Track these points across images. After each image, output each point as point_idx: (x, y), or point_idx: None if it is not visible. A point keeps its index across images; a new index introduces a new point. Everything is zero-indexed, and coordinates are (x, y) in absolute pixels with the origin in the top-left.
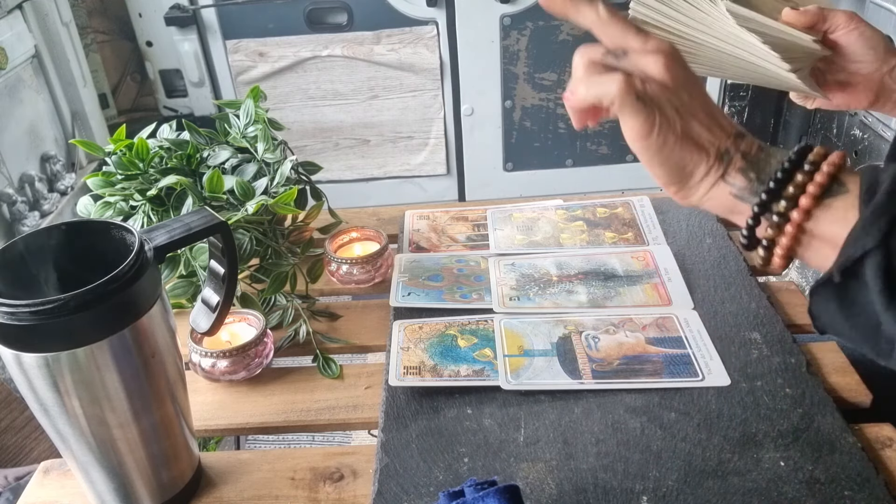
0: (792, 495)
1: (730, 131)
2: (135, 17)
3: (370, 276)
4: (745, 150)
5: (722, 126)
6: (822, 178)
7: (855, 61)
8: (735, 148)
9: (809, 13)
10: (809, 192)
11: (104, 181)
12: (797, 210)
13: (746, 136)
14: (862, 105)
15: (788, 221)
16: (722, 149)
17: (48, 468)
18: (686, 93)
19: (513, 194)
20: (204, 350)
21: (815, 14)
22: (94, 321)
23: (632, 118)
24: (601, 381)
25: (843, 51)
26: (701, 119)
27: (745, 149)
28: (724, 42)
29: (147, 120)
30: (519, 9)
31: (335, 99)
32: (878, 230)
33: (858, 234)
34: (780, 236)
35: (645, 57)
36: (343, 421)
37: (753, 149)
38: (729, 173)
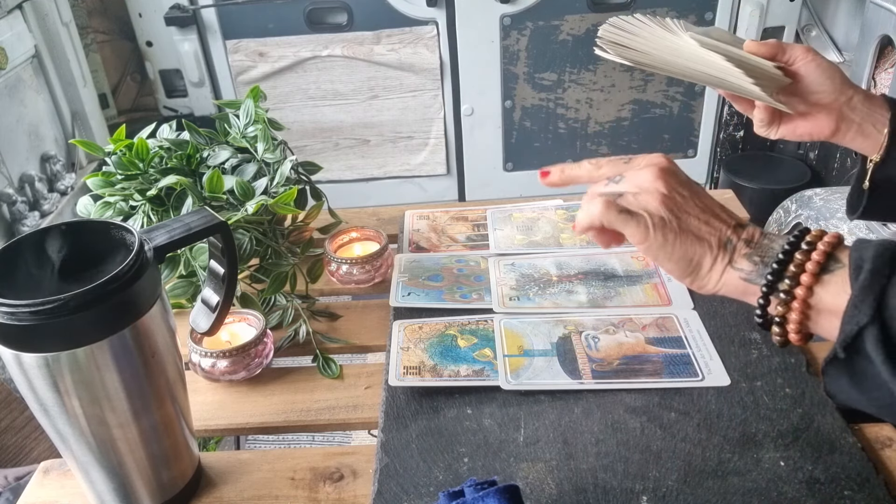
0: (792, 495)
1: (729, 222)
2: (135, 17)
3: (370, 276)
4: (747, 237)
5: (720, 218)
6: (818, 256)
7: (814, 91)
8: (736, 236)
9: (769, 44)
10: (808, 270)
11: (104, 181)
12: (800, 287)
13: (747, 226)
14: (824, 134)
15: (794, 298)
16: (723, 239)
17: (48, 468)
18: (680, 195)
19: (513, 194)
20: (204, 350)
21: (774, 45)
22: (94, 321)
23: (624, 227)
24: (601, 381)
25: (802, 80)
26: (698, 215)
27: (748, 237)
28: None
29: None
30: (519, 9)
31: (335, 99)
32: (869, 306)
33: (851, 311)
34: (790, 312)
35: (638, 173)
36: (343, 421)
37: (756, 236)
38: (735, 260)
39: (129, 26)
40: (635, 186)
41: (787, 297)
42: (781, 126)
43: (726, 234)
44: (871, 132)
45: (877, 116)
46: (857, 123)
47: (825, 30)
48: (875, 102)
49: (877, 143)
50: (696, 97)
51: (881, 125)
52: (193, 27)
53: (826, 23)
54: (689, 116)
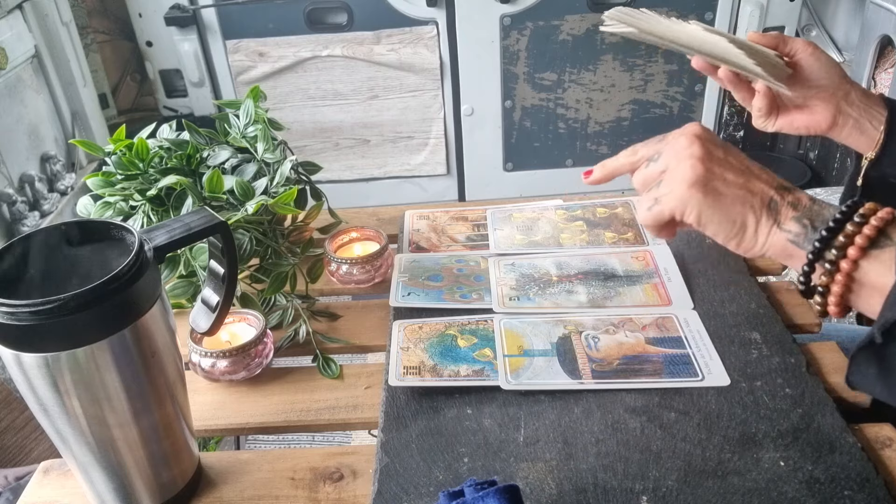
0: (792, 495)
1: (771, 183)
2: (135, 17)
3: (370, 276)
4: (792, 200)
5: (762, 179)
6: (870, 230)
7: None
8: (781, 198)
9: (771, 35)
10: (857, 244)
11: (104, 181)
12: (846, 260)
13: (792, 189)
14: (822, 128)
15: (839, 270)
16: (766, 199)
17: (48, 468)
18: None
19: (513, 194)
20: (204, 350)
21: (776, 37)
22: (94, 321)
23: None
24: (601, 381)
25: (802, 72)
26: (737, 176)
27: (793, 200)
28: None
29: (147, 120)
30: (519, 9)
31: (335, 99)
32: None
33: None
34: (833, 284)
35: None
36: (343, 421)
37: (804, 200)
38: (783, 222)
39: (129, 26)
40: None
41: (832, 267)
42: (779, 118)
43: (769, 193)
44: (868, 128)
45: (874, 113)
46: (855, 119)
47: (825, 30)
48: (872, 100)
49: (873, 140)
50: (695, 97)
51: (878, 122)
52: (193, 27)
53: (826, 23)
54: (690, 116)
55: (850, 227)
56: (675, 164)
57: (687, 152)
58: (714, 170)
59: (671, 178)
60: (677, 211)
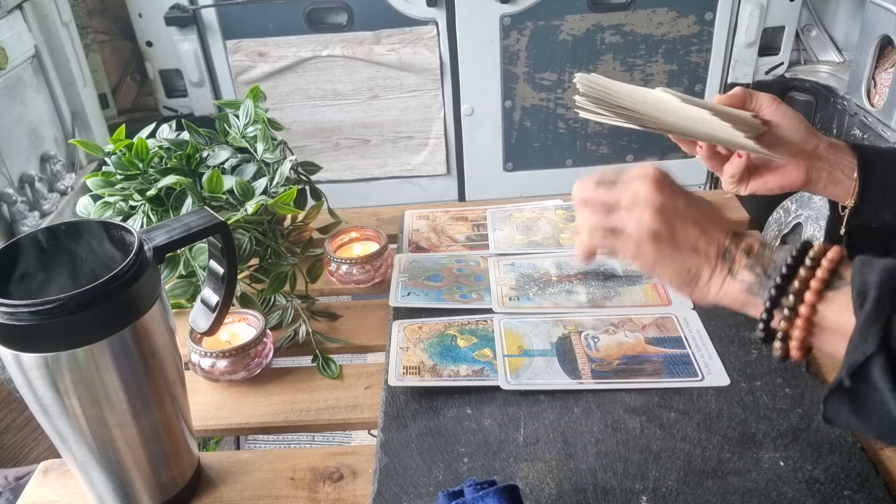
0: (791, 495)
1: (727, 231)
2: (135, 17)
3: (370, 276)
4: (746, 247)
5: (718, 227)
6: (822, 273)
7: (785, 139)
8: (735, 246)
9: (737, 93)
10: (813, 288)
11: (104, 181)
12: (804, 305)
13: (746, 235)
14: (796, 184)
15: (798, 315)
16: (721, 248)
17: (48, 468)
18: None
19: (513, 194)
20: (203, 350)
21: (742, 94)
22: (94, 321)
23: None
24: (601, 381)
25: (773, 128)
26: (694, 225)
27: (746, 247)
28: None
29: (147, 120)
30: (519, 9)
31: (335, 99)
32: (875, 335)
33: (857, 341)
34: (793, 329)
35: (631, 184)
36: (343, 421)
37: (756, 246)
38: (736, 271)
39: (129, 26)
40: (630, 198)
41: (790, 313)
42: (751, 181)
43: (724, 243)
44: (841, 178)
45: (844, 163)
46: (827, 171)
47: (825, 30)
48: (839, 149)
49: (848, 189)
50: (696, 97)
51: (849, 171)
52: (193, 27)
53: (826, 23)
54: None
55: (802, 271)
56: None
57: (647, 198)
58: (673, 222)
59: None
60: (630, 256)
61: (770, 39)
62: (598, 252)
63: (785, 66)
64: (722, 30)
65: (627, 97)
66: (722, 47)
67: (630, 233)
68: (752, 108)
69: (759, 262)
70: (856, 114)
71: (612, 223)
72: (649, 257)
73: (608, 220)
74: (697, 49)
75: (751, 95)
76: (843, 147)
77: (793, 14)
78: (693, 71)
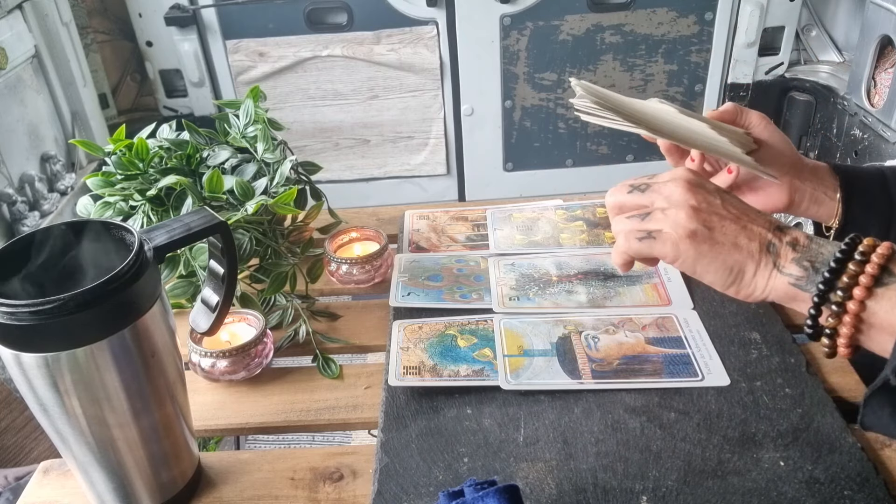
0: (791, 495)
1: (769, 226)
2: (135, 17)
3: (370, 276)
4: (791, 241)
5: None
6: (872, 269)
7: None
8: (779, 240)
9: (728, 108)
10: (862, 284)
11: (104, 181)
12: (853, 301)
13: (789, 229)
14: (778, 206)
15: (846, 312)
16: (764, 242)
17: (48, 468)
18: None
19: (513, 194)
20: (204, 350)
21: (733, 109)
22: (94, 321)
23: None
24: (601, 381)
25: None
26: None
27: (792, 240)
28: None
29: (147, 120)
30: (519, 9)
31: (335, 99)
32: None
33: None
34: (841, 325)
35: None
36: (343, 421)
37: (802, 239)
38: (782, 265)
39: (129, 26)
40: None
41: (839, 309)
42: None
43: (767, 237)
44: (824, 199)
45: (826, 184)
46: (810, 192)
47: (825, 30)
48: (821, 170)
49: (831, 210)
50: (696, 97)
51: (832, 192)
52: (193, 27)
53: (826, 23)
54: None
55: (852, 266)
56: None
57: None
58: (710, 219)
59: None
60: (669, 258)
61: (770, 39)
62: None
63: (785, 66)
64: (722, 30)
65: (625, 104)
66: (722, 47)
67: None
68: (743, 124)
69: (807, 256)
70: (856, 114)
71: (648, 226)
72: (689, 258)
73: (644, 223)
74: (697, 49)
75: (741, 112)
76: (825, 169)
77: (793, 14)
78: (693, 71)
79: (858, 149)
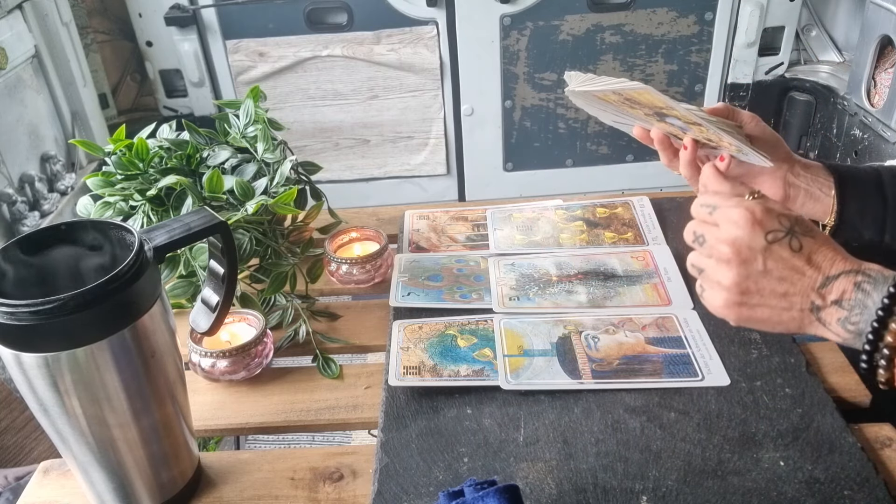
0: (791, 495)
1: (814, 283)
2: (135, 17)
3: (370, 276)
4: (836, 298)
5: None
6: None
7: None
8: (822, 299)
9: (719, 108)
10: None
11: (104, 181)
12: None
13: (836, 279)
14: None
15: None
16: (807, 305)
17: (48, 468)
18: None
19: (513, 194)
20: (204, 350)
21: (724, 109)
22: (94, 321)
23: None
24: (601, 381)
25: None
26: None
27: (837, 297)
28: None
29: (147, 120)
30: (519, 9)
31: (335, 99)
32: None
33: None
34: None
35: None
36: (343, 421)
37: (848, 291)
38: (829, 323)
39: (129, 26)
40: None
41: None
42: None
43: (810, 298)
44: (820, 196)
45: (820, 181)
46: (804, 189)
47: (825, 30)
48: (813, 168)
49: (827, 206)
50: (696, 97)
51: (827, 188)
52: (193, 27)
53: (826, 23)
54: None
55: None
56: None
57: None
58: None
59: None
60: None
61: (770, 39)
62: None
63: (785, 66)
64: (722, 30)
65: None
66: (722, 47)
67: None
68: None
69: (853, 314)
70: (856, 114)
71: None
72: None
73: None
74: (697, 49)
75: (733, 111)
76: (819, 167)
77: (793, 14)
78: (693, 71)
79: (858, 149)
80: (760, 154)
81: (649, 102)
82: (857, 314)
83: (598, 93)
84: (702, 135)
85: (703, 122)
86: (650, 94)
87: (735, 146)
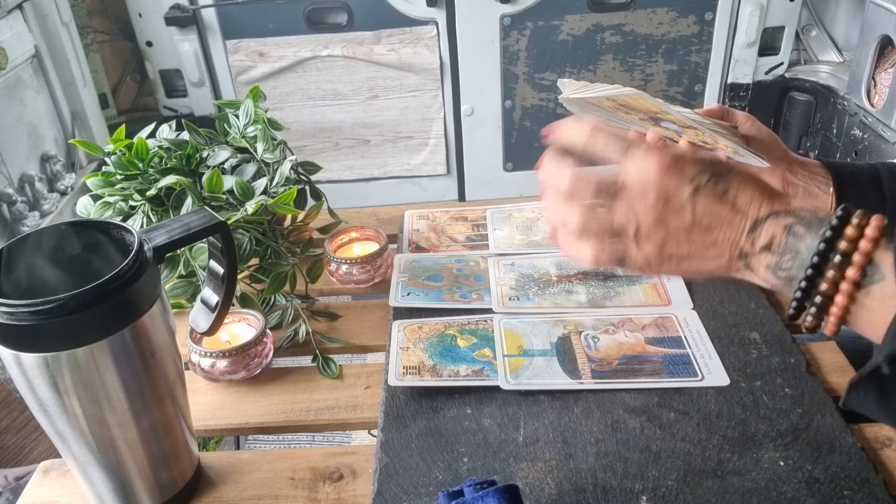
0: (791, 495)
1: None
2: (135, 17)
3: (370, 276)
4: (766, 242)
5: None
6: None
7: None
8: (751, 244)
9: (714, 109)
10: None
11: (104, 181)
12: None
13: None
14: None
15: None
16: (735, 251)
17: (48, 468)
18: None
19: (513, 194)
20: (203, 350)
21: (719, 110)
22: (94, 321)
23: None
24: (601, 381)
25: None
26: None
27: (767, 241)
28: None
29: (147, 120)
30: (519, 9)
31: (335, 99)
32: None
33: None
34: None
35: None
36: (343, 421)
37: (778, 235)
38: (758, 270)
39: (129, 26)
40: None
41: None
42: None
43: (739, 244)
44: (818, 193)
45: (819, 179)
46: (803, 187)
47: (825, 30)
48: (812, 166)
49: (826, 204)
50: (696, 97)
51: (825, 186)
52: (193, 27)
53: (826, 23)
54: None
55: (830, 272)
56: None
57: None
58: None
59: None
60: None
61: (770, 39)
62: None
63: (785, 66)
64: (722, 30)
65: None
66: (722, 47)
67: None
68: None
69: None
70: (856, 114)
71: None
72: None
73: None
74: (697, 49)
75: (728, 112)
76: (817, 164)
77: (793, 14)
78: (693, 71)
79: (858, 149)
80: (756, 155)
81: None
82: (788, 260)
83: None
84: (697, 138)
85: (698, 124)
86: (644, 99)
87: (731, 148)
